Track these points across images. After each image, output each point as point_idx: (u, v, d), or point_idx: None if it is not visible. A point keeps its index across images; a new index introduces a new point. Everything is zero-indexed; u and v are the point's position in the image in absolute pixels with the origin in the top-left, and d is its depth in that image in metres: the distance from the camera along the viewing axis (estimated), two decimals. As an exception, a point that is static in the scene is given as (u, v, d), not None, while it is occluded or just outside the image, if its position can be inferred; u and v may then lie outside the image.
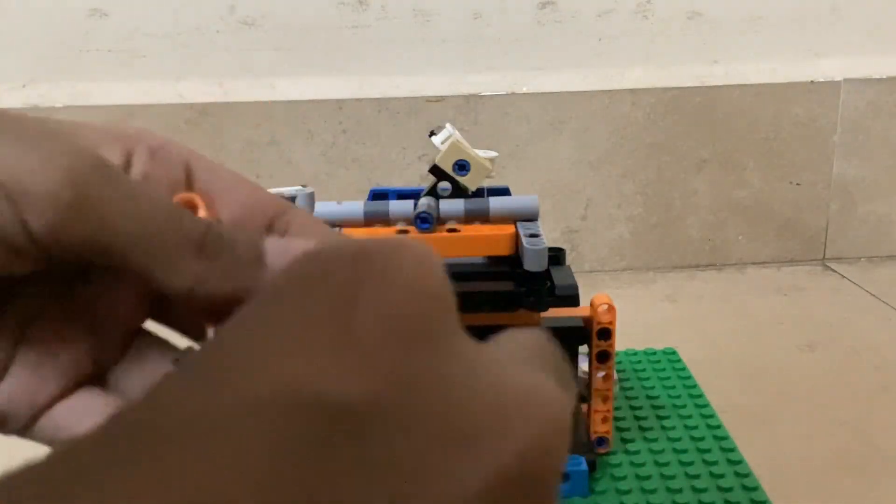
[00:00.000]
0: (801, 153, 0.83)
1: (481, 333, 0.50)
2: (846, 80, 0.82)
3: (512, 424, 0.14)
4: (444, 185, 0.44)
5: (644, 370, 0.59)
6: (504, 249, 0.43)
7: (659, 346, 0.62)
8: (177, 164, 0.24)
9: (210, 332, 0.22)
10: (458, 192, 0.44)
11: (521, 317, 0.43)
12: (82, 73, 0.78)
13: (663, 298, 0.77)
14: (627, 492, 0.45)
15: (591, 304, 0.46)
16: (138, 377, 0.24)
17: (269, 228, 0.25)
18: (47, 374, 0.23)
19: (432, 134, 0.46)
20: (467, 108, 0.79)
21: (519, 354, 0.17)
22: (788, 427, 0.53)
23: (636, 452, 0.48)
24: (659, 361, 0.60)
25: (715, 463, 0.47)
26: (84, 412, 0.23)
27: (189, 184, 0.24)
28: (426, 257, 0.16)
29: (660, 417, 0.52)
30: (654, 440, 0.50)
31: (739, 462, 0.47)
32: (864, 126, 0.83)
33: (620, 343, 0.49)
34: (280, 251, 0.22)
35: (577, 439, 0.47)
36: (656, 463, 0.47)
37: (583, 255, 0.84)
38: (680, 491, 0.45)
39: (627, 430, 0.51)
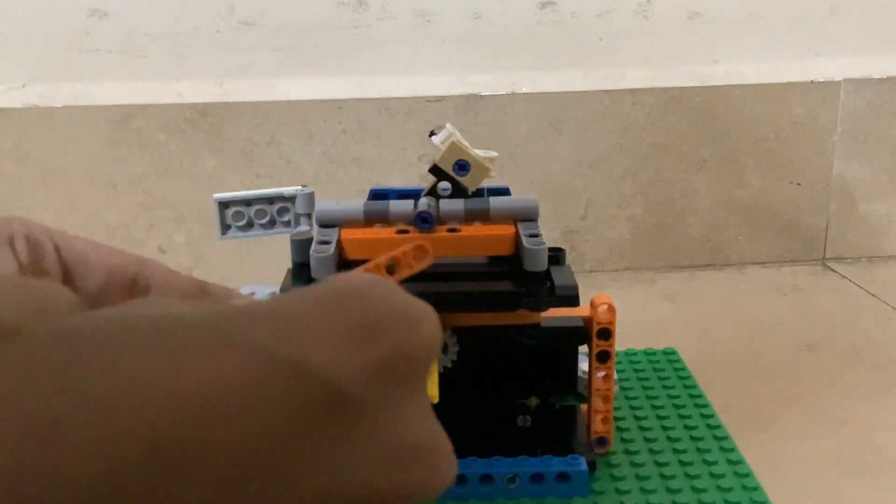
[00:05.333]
0: (801, 153, 0.83)
1: (481, 333, 0.50)
2: (846, 80, 0.82)
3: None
4: (444, 185, 0.44)
5: (644, 370, 0.59)
6: (504, 249, 0.43)
7: (659, 346, 0.63)
8: (47, 244, 0.28)
9: None
10: (458, 192, 0.44)
11: (521, 317, 0.43)
12: (82, 73, 0.78)
13: (663, 298, 0.77)
14: (627, 492, 0.45)
15: (591, 304, 0.46)
16: None
17: (133, 286, 0.29)
18: None
19: (432, 134, 0.46)
20: (467, 108, 0.79)
21: None
22: (788, 427, 0.53)
23: (636, 452, 0.48)
24: (659, 361, 0.60)
25: (715, 463, 0.47)
26: None
27: (59, 257, 0.28)
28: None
29: (660, 417, 0.52)
30: (654, 440, 0.50)
31: (739, 462, 0.47)
32: (864, 126, 0.83)
33: (620, 343, 0.49)
34: None
35: (577, 439, 0.47)
36: (656, 463, 0.47)
37: (583, 255, 0.84)
38: (680, 491, 0.45)
39: (627, 430, 0.51)
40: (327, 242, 0.41)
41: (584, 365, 0.48)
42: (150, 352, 0.15)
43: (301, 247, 0.43)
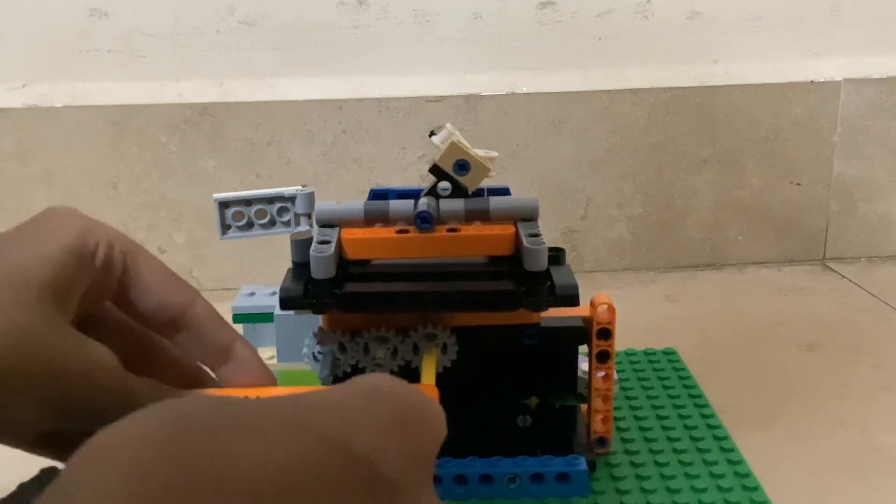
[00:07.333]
0: (801, 153, 0.83)
1: (481, 333, 0.50)
2: (846, 80, 0.82)
3: None
4: (444, 185, 0.44)
5: (644, 370, 0.59)
6: (504, 249, 0.43)
7: (659, 346, 0.63)
8: (119, 263, 0.33)
9: None
10: (458, 191, 0.44)
11: (521, 316, 0.43)
12: (82, 73, 0.78)
13: (663, 298, 0.77)
14: (627, 492, 0.45)
15: (591, 304, 0.46)
16: None
17: (174, 323, 0.34)
18: None
19: (432, 134, 0.46)
20: (467, 108, 0.79)
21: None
22: (788, 427, 0.53)
23: (636, 452, 0.48)
24: (659, 361, 0.60)
25: (715, 463, 0.47)
26: None
27: (123, 278, 0.33)
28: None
29: (660, 417, 0.52)
30: (654, 440, 0.50)
31: (739, 462, 0.47)
32: (864, 126, 0.83)
33: (620, 343, 0.49)
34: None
35: (577, 439, 0.47)
36: (656, 463, 0.47)
37: (583, 255, 0.84)
38: (680, 491, 0.45)
39: (627, 430, 0.51)
40: (327, 242, 0.41)
41: (584, 365, 0.48)
42: (247, 433, 0.19)
43: (301, 247, 0.43)
